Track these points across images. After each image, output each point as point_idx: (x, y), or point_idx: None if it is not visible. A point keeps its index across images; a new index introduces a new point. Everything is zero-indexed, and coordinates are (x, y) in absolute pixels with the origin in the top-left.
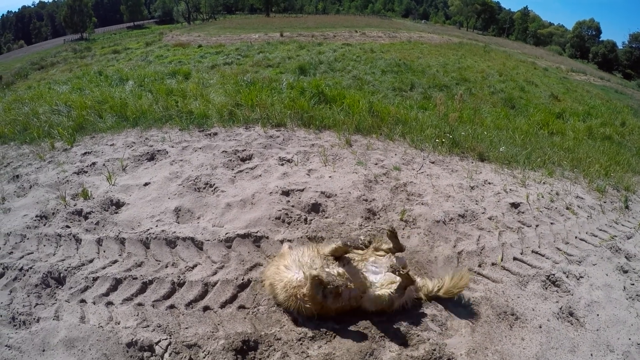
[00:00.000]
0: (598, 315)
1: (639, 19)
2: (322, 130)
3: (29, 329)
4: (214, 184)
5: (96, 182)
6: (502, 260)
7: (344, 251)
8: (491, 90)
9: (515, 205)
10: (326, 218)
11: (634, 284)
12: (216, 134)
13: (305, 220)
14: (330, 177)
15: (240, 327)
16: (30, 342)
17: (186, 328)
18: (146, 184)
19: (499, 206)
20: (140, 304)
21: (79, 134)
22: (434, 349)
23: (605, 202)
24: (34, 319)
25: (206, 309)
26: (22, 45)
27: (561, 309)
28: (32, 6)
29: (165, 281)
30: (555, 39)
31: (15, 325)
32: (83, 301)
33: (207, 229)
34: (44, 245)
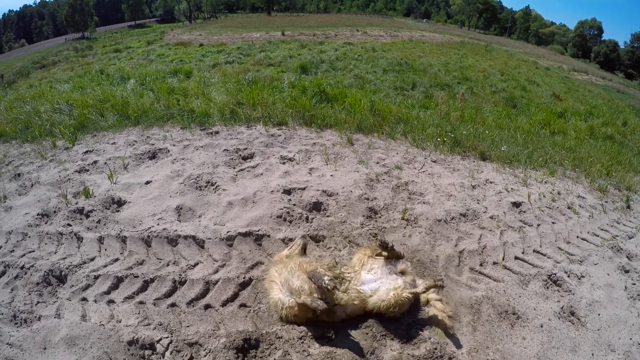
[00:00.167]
0: (599, 314)
1: None
2: (323, 129)
3: (30, 327)
4: (215, 182)
5: (98, 181)
6: (503, 260)
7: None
8: (493, 89)
9: (516, 205)
10: (328, 217)
11: (635, 284)
12: (218, 132)
13: (307, 219)
14: (331, 175)
15: (242, 326)
16: (31, 340)
17: (187, 326)
18: (148, 183)
19: (501, 205)
20: (141, 302)
21: (81, 132)
22: (435, 348)
23: (606, 202)
24: (35, 317)
25: (207, 307)
26: (23, 44)
27: (562, 308)
28: (34, 5)
29: (166, 279)
30: (557, 38)
31: (16, 324)
32: (84, 299)
33: (209, 227)
34: (46, 244)
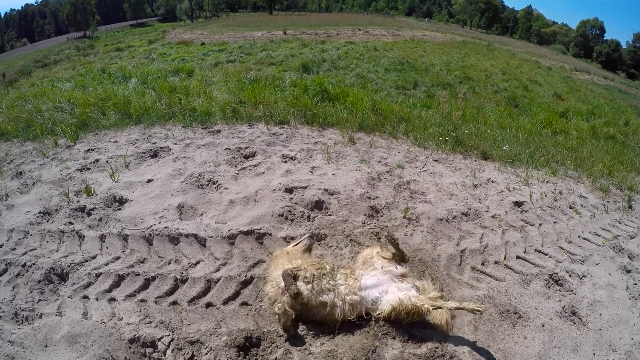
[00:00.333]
0: (601, 314)
1: None
2: (325, 128)
3: (31, 324)
4: (217, 181)
5: (99, 179)
6: (505, 259)
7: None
8: (494, 89)
9: (518, 204)
10: (329, 215)
11: (637, 284)
12: (219, 131)
13: (309, 217)
14: (333, 174)
15: (243, 324)
16: (32, 338)
17: (189, 324)
18: (149, 181)
19: (502, 205)
20: (142, 300)
21: (82, 131)
22: (437, 347)
23: (608, 202)
24: (37, 314)
25: (209, 305)
26: (25, 43)
27: (564, 308)
28: (35, 4)
29: (168, 278)
30: (559, 38)
31: (17, 321)
32: (86, 297)
33: (210, 225)
34: (47, 242)
